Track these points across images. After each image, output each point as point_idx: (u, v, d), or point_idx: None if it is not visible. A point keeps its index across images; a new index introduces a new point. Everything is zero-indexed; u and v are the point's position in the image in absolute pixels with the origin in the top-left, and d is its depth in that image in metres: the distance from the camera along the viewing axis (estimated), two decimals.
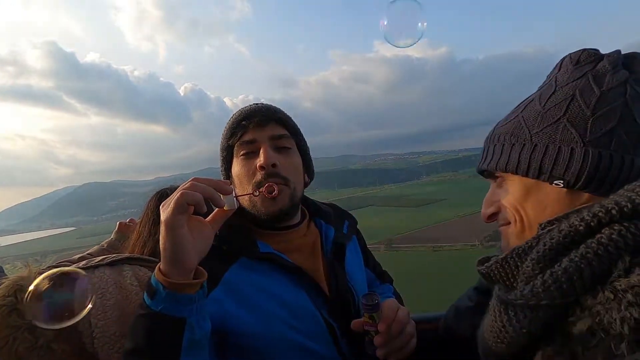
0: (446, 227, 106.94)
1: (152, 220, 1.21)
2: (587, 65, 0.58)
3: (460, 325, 0.89)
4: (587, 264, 0.47)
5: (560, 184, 0.55)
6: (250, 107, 0.95)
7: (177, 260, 0.63)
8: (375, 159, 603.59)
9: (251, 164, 0.90)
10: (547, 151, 0.56)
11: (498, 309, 0.56)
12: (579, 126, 0.54)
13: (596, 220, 0.48)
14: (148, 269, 1.03)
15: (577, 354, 0.46)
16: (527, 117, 0.60)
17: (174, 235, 0.62)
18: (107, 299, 0.91)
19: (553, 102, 0.57)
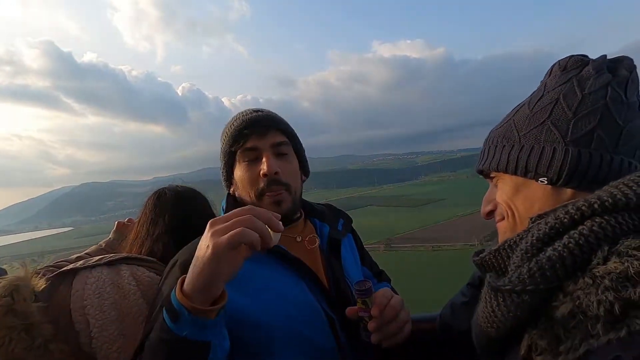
0: (445, 226, 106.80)
1: (150, 220, 1.20)
2: (573, 70, 0.62)
3: (456, 320, 0.93)
4: (569, 252, 0.51)
5: (544, 181, 0.59)
6: (251, 116, 0.98)
7: (208, 289, 0.63)
8: (374, 159, 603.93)
9: (254, 171, 0.94)
10: (532, 151, 0.60)
11: (489, 295, 0.60)
12: (561, 127, 0.58)
13: (579, 213, 0.52)
14: (146, 269, 1.03)
15: (559, 336, 0.50)
16: (517, 121, 0.65)
17: (217, 266, 0.62)
18: (105, 299, 0.90)
19: (540, 106, 0.62)
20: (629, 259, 0.46)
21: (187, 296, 0.63)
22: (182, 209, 1.21)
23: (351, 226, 1.19)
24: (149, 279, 0.99)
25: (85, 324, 0.86)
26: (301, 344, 0.86)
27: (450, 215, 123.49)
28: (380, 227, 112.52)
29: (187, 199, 1.25)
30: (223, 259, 0.62)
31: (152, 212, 1.21)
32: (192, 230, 1.06)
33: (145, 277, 0.99)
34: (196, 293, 0.63)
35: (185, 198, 1.25)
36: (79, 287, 0.90)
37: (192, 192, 1.29)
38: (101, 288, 0.91)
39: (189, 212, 1.21)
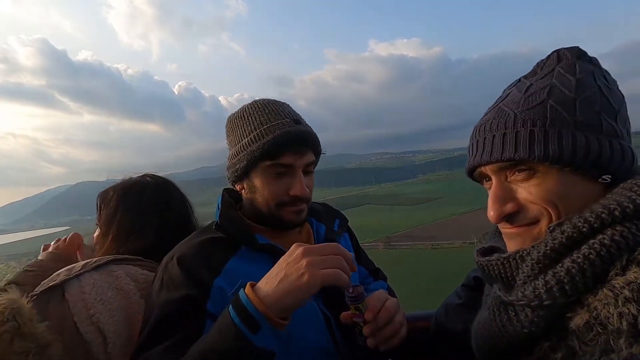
0: (443, 225, 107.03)
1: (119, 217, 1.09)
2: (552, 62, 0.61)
3: (450, 321, 0.93)
4: (589, 264, 0.48)
5: (608, 179, 0.54)
6: (294, 129, 0.91)
7: (291, 309, 0.68)
8: (371, 157, 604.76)
9: (281, 185, 0.92)
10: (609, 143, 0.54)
11: (497, 308, 0.57)
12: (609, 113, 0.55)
13: (599, 221, 0.49)
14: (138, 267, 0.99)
15: (574, 349, 0.47)
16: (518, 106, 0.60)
17: (307, 294, 0.67)
18: (110, 303, 0.88)
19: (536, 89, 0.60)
20: None
21: (268, 307, 0.66)
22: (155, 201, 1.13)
23: (347, 225, 1.19)
24: (144, 277, 0.97)
25: (97, 333, 0.83)
26: (298, 344, 0.86)
27: (448, 213, 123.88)
28: (379, 225, 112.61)
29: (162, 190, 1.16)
30: (315, 290, 0.67)
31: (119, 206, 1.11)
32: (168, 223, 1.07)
33: (140, 275, 0.97)
34: (278, 309, 0.66)
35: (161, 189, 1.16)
36: (77, 298, 0.86)
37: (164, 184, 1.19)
38: (102, 294, 0.88)
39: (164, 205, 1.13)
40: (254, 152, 0.91)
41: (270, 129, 0.91)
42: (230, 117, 1.00)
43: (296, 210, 0.93)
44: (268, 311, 0.65)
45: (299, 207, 0.93)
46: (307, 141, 0.93)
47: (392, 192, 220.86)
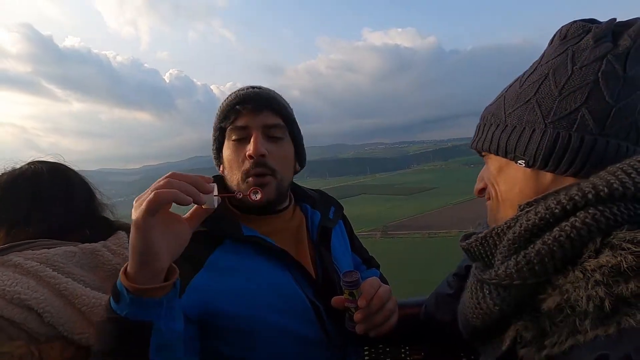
0: (439, 214, 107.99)
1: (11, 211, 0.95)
2: (573, 39, 0.56)
3: (440, 311, 0.92)
4: (559, 246, 0.48)
5: (522, 164, 0.57)
6: (246, 91, 0.92)
7: (146, 264, 0.59)
8: (365, 148, 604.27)
9: (242, 151, 0.89)
10: (513, 131, 0.57)
11: (474, 286, 0.60)
12: (545, 107, 0.55)
13: (572, 203, 0.49)
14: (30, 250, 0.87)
15: (545, 329, 0.49)
16: (507, 97, 0.61)
17: (144, 238, 0.58)
18: (24, 283, 0.79)
19: (529, 82, 0.58)
20: (622, 252, 0.44)
21: (129, 277, 0.60)
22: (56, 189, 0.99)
23: (342, 213, 1.16)
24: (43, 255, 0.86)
25: (26, 311, 0.77)
26: (285, 335, 0.84)
27: (443, 203, 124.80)
28: (375, 214, 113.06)
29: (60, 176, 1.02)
30: (148, 227, 0.58)
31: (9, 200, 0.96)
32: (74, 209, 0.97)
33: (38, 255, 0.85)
34: (136, 271, 0.59)
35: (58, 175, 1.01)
36: None
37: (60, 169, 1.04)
38: (10, 279, 0.79)
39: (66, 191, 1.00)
40: (216, 122, 0.94)
41: (228, 98, 0.93)
42: None
43: (257, 181, 0.87)
44: (127, 279, 0.60)
45: (260, 177, 0.87)
46: (260, 100, 0.90)
47: (386, 182, 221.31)
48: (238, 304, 0.82)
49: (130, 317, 0.59)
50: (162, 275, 0.62)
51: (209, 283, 0.82)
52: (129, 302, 0.59)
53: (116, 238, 0.99)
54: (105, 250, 0.94)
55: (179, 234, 0.64)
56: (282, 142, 0.93)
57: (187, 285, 0.79)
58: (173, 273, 0.64)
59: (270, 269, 0.88)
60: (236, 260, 0.86)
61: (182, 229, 0.65)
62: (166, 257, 0.61)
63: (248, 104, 0.89)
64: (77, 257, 0.89)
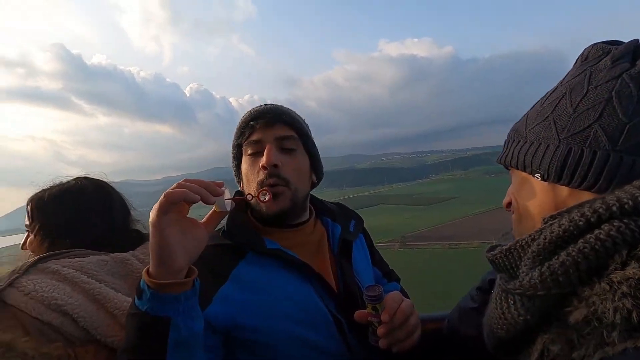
0: (459, 225, 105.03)
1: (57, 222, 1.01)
2: (593, 60, 0.59)
3: (464, 326, 0.91)
4: (584, 258, 0.49)
5: (538, 177, 0.59)
6: (259, 108, 0.97)
7: (164, 261, 0.63)
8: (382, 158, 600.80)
9: (257, 164, 0.92)
10: (531, 147, 0.60)
11: (499, 296, 0.60)
12: (560, 124, 0.57)
13: (596, 216, 0.50)
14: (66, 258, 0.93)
15: (572, 341, 0.48)
16: (530, 115, 0.64)
17: (160, 236, 0.62)
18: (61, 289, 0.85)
19: (549, 101, 0.61)
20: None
21: (150, 274, 0.64)
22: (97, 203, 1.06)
23: (363, 226, 1.17)
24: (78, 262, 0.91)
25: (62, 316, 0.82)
26: (308, 349, 0.85)
27: (464, 213, 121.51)
28: (393, 225, 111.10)
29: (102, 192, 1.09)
30: (163, 226, 0.62)
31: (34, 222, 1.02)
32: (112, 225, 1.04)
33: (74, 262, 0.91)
34: (156, 268, 0.63)
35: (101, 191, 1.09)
36: (24, 300, 0.82)
37: (102, 185, 1.11)
38: (49, 286, 0.84)
39: (106, 207, 1.07)
40: (233, 141, 1.00)
41: (243, 116, 0.99)
42: None
43: (272, 192, 0.89)
44: (148, 277, 0.64)
45: (272, 183, 0.89)
46: (272, 113, 0.94)
47: (405, 192, 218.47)
48: (261, 316, 0.84)
49: (149, 312, 0.63)
50: (181, 274, 0.65)
51: (233, 296, 0.84)
52: (149, 297, 0.63)
53: (144, 247, 1.04)
54: (134, 259, 0.99)
55: (196, 236, 0.68)
56: (295, 154, 0.95)
57: (213, 296, 0.82)
58: (192, 273, 0.67)
59: (293, 281, 0.89)
60: (259, 273, 0.88)
61: (199, 231, 0.69)
62: (183, 256, 0.65)
63: (261, 119, 0.93)
64: (108, 266, 0.94)
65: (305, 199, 1.00)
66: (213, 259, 0.86)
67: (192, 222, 0.69)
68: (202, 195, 0.65)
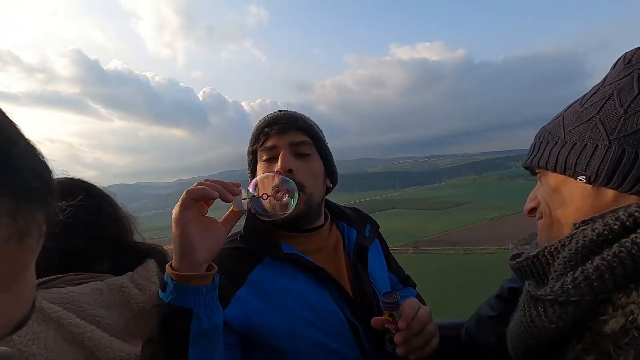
0: (474, 230, 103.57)
1: None
2: (638, 64, 0.57)
3: (482, 334, 0.89)
4: (619, 262, 0.47)
5: (583, 180, 0.55)
6: (273, 115, 0.98)
7: (185, 255, 0.66)
8: (394, 162, 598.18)
9: (272, 169, 0.93)
10: (574, 147, 0.57)
11: (527, 304, 0.57)
12: (609, 124, 0.54)
13: (632, 219, 0.48)
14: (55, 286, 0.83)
15: (608, 352, 0.46)
16: (566, 116, 0.61)
17: (181, 230, 0.66)
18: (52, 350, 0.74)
19: (591, 102, 0.58)
20: None
21: (173, 268, 0.68)
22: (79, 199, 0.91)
23: (378, 231, 1.17)
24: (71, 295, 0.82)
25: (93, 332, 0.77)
26: (324, 353, 0.85)
27: (478, 218, 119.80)
28: (406, 229, 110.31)
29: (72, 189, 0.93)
30: (184, 221, 0.66)
31: None
32: None
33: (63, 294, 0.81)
34: (179, 261, 0.67)
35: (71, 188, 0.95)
36: None
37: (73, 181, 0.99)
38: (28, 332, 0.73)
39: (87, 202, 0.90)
40: (249, 148, 1.02)
41: (258, 123, 1.01)
42: None
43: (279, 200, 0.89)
44: (172, 270, 0.67)
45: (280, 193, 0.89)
46: (286, 120, 0.96)
47: (417, 197, 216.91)
48: (277, 320, 0.85)
49: (173, 303, 0.65)
50: (202, 269, 0.69)
51: (249, 299, 0.86)
52: (173, 289, 0.66)
53: (144, 269, 0.97)
54: (132, 286, 0.92)
55: (215, 234, 0.71)
56: (309, 159, 0.97)
57: (231, 297, 0.84)
58: (212, 268, 0.71)
59: (309, 286, 0.90)
60: (275, 278, 0.89)
61: (218, 229, 0.73)
62: (204, 251, 0.68)
63: (275, 125, 0.95)
64: (103, 295, 0.86)
65: (320, 204, 1.00)
66: (231, 261, 0.88)
67: (212, 220, 0.72)
68: (220, 193, 0.68)
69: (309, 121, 1.00)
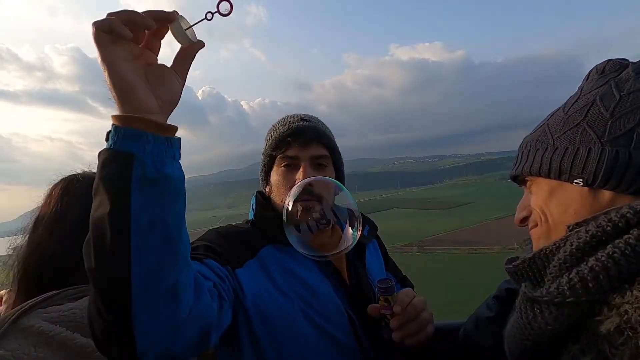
0: (478, 230, 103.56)
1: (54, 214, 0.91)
2: (612, 73, 0.60)
3: (480, 335, 0.90)
4: (613, 263, 0.47)
5: (580, 183, 0.56)
6: (297, 125, 1.00)
7: (124, 98, 0.58)
8: (395, 162, 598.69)
9: (290, 177, 0.98)
10: (567, 152, 0.57)
11: (524, 305, 0.58)
12: (597, 128, 0.56)
13: (624, 220, 0.49)
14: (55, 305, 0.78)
15: (604, 353, 0.47)
16: (551, 124, 0.63)
17: (110, 70, 0.57)
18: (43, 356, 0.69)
19: (575, 109, 0.60)
20: None
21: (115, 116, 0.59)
22: None
23: (376, 233, 1.21)
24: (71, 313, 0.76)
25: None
26: (322, 336, 0.88)
27: (481, 218, 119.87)
28: (409, 229, 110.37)
29: None
30: (109, 61, 0.57)
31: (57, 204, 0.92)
32: None
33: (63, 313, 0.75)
34: (120, 108, 0.59)
35: None
36: None
37: None
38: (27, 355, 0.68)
39: None
40: (267, 149, 1.04)
41: (280, 127, 1.03)
42: None
43: (306, 204, 0.94)
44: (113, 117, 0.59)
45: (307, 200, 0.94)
46: (309, 134, 0.99)
47: (418, 197, 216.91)
48: (281, 298, 0.88)
49: (111, 148, 0.58)
50: (151, 115, 0.59)
51: (257, 272, 0.91)
52: (113, 134, 0.58)
53: None
54: None
55: (165, 80, 0.63)
56: (325, 170, 1.02)
57: (245, 262, 0.90)
58: (172, 128, 0.62)
59: (312, 272, 0.95)
60: (283, 259, 0.95)
61: (168, 74, 0.64)
62: (149, 95, 0.60)
63: (299, 137, 0.98)
64: None
65: None
66: (246, 236, 0.95)
67: (160, 66, 0.65)
68: (136, 18, 0.57)
69: (329, 135, 1.04)
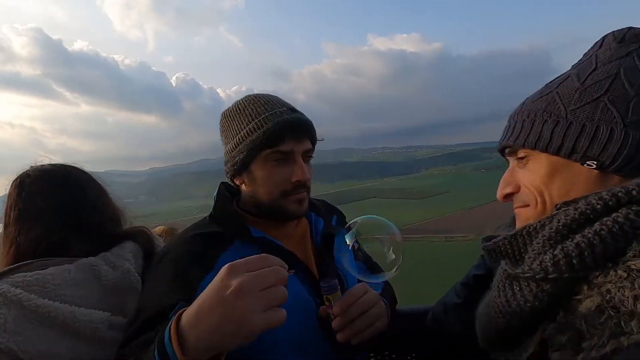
0: (454, 218, 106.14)
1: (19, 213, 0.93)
2: (633, 44, 0.55)
3: (448, 320, 0.90)
4: (600, 240, 0.46)
5: (592, 165, 0.52)
6: (292, 117, 0.94)
7: (217, 350, 0.57)
8: (372, 152, 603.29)
9: (282, 172, 0.92)
10: (584, 130, 0.53)
11: (502, 283, 0.56)
12: (620, 106, 0.51)
13: (615, 199, 0.47)
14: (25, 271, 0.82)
15: (581, 332, 0.46)
16: (562, 94, 0.56)
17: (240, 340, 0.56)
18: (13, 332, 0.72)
19: (593, 79, 0.54)
20: None
21: (184, 347, 0.56)
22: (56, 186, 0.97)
23: (345, 222, 1.17)
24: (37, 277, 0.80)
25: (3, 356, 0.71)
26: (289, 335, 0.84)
27: (457, 207, 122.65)
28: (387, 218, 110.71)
29: (58, 176, 0.99)
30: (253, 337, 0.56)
31: (18, 204, 0.93)
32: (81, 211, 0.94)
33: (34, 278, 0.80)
34: (199, 350, 0.55)
35: (57, 175, 0.99)
36: None
37: (63, 168, 1.02)
38: None
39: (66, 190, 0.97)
40: (254, 142, 0.92)
41: (269, 118, 0.92)
42: (225, 112, 1.00)
43: (298, 198, 0.93)
44: (181, 350, 0.56)
45: (301, 194, 0.93)
46: (305, 128, 0.96)
47: (396, 186, 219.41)
48: None
49: None
50: None
51: None
52: None
53: (119, 249, 0.96)
54: (103, 264, 0.91)
55: None
56: (310, 162, 1.00)
57: (197, 286, 0.80)
58: None
59: None
60: None
61: None
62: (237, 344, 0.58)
63: (293, 132, 0.92)
64: (72, 274, 0.85)
65: None
66: (199, 248, 0.87)
67: None
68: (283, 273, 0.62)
69: (314, 128, 1.01)
